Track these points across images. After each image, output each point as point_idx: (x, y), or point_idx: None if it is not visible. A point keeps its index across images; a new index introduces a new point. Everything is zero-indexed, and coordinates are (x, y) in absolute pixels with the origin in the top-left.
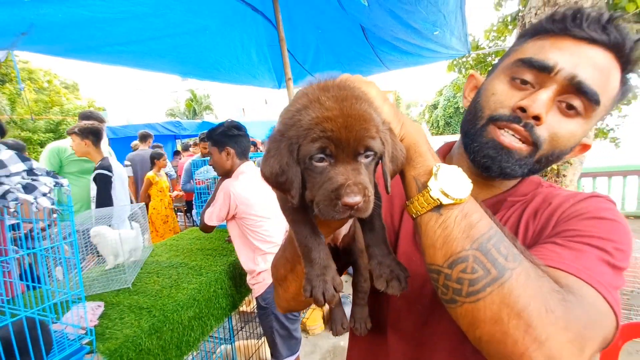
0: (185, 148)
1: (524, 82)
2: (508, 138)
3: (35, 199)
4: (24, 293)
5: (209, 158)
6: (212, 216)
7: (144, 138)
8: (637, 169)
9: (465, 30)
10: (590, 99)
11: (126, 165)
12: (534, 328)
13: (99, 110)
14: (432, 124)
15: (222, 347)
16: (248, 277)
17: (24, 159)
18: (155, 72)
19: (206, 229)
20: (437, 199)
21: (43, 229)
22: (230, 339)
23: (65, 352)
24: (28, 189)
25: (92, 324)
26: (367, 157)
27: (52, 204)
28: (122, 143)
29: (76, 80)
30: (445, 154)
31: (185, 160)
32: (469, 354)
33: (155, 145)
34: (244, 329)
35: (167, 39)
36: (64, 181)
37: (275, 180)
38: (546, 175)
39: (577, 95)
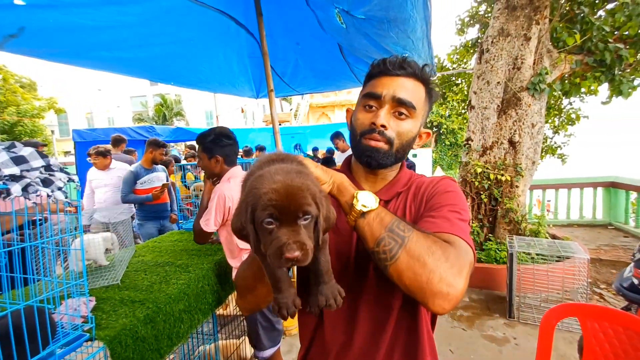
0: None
1: (370, 106)
2: (373, 142)
3: (52, 192)
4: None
5: (153, 168)
6: (210, 222)
7: (116, 142)
8: (580, 182)
9: (431, 53)
10: (409, 105)
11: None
12: (430, 267)
13: (60, 111)
14: None
15: (201, 347)
16: (234, 274)
17: (42, 156)
18: (136, 78)
19: (202, 237)
20: (360, 210)
21: (45, 220)
22: (214, 335)
23: (68, 338)
24: (46, 183)
25: (85, 314)
26: (305, 219)
27: (66, 197)
28: (89, 147)
29: (34, 79)
30: (349, 162)
31: None
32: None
33: (128, 150)
34: (221, 331)
35: (150, 48)
36: (75, 177)
37: (239, 233)
38: (501, 186)
39: (401, 106)
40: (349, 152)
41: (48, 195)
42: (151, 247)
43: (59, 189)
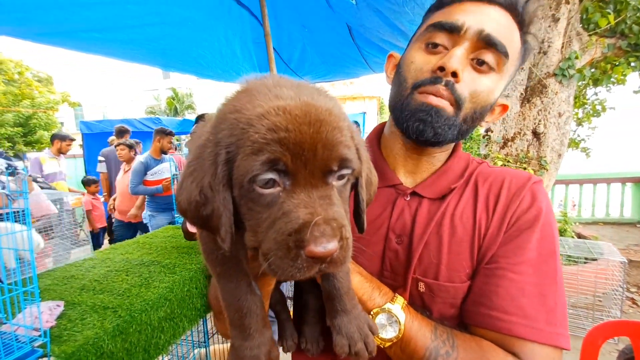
0: None
1: (435, 45)
2: (434, 99)
3: None
4: None
5: (162, 158)
6: None
7: (120, 133)
8: (606, 177)
9: None
10: (500, 50)
11: (100, 161)
12: None
13: (74, 105)
14: None
15: (196, 350)
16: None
17: None
18: (133, 63)
19: (189, 235)
20: (380, 342)
21: None
22: (205, 342)
23: (13, 356)
24: None
25: (49, 324)
26: (340, 177)
27: (3, 188)
28: (97, 139)
29: (50, 74)
30: (379, 134)
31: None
32: None
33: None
34: (217, 334)
35: (146, 28)
36: (19, 164)
37: (195, 213)
38: None
39: (488, 49)
40: None
41: None
42: (141, 243)
43: None
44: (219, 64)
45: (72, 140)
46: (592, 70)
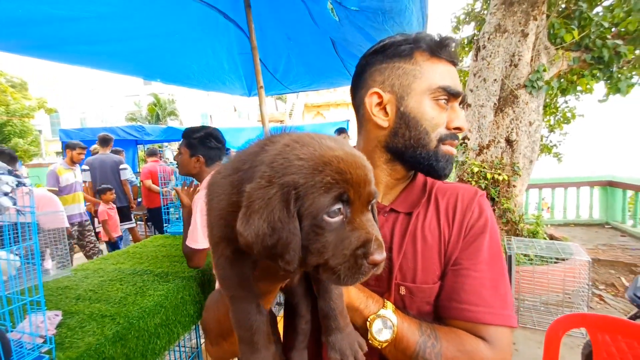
0: (152, 153)
1: (443, 101)
2: (452, 149)
3: None
4: None
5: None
6: (199, 238)
7: (104, 142)
8: (576, 182)
9: None
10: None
11: (84, 170)
12: None
13: (50, 111)
14: None
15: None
16: (217, 284)
17: None
18: (119, 74)
19: (196, 258)
20: (378, 343)
21: None
22: (197, 348)
23: None
24: None
25: (50, 332)
26: (371, 204)
27: (14, 204)
28: None
29: (25, 79)
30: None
31: (152, 166)
32: None
33: (115, 150)
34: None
35: (133, 41)
36: (27, 181)
37: (262, 244)
38: (499, 185)
39: (462, 102)
40: None
41: None
42: (132, 253)
43: (5, 194)
44: (206, 75)
45: (84, 148)
46: (560, 81)
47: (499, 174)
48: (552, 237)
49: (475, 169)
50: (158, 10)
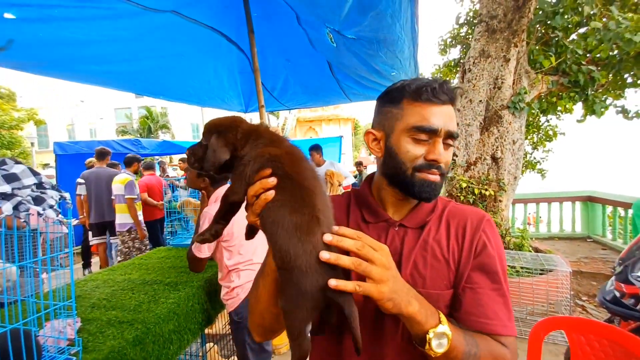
0: (148, 167)
1: (420, 140)
2: (432, 177)
3: (43, 210)
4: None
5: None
6: (202, 247)
7: (101, 155)
8: (559, 197)
9: (417, 72)
10: (455, 137)
11: (79, 184)
12: None
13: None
14: None
15: None
16: (222, 292)
17: (34, 173)
18: (124, 92)
19: (196, 264)
20: (435, 353)
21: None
22: (203, 356)
23: None
24: (37, 200)
25: (72, 337)
26: None
27: (57, 215)
28: (72, 160)
29: (13, 90)
30: (369, 182)
31: (148, 179)
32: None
33: (111, 164)
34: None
35: (141, 62)
36: (66, 195)
37: None
38: (486, 200)
39: (450, 138)
40: (325, 167)
41: (39, 214)
42: (137, 264)
43: (51, 207)
44: (207, 92)
45: (140, 160)
46: (541, 102)
47: (486, 190)
48: (537, 250)
49: (464, 185)
50: (166, 34)
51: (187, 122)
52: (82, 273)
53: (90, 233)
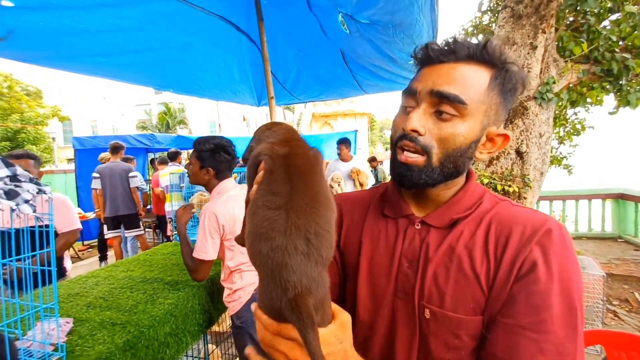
0: (163, 161)
1: (407, 107)
2: (403, 155)
3: (17, 205)
4: None
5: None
6: (208, 249)
7: (115, 150)
8: (587, 194)
9: None
10: (453, 100)
11: (94, 178)
12: None
13: (64, 119)
14: None
15: None
16: (224, 294)
17: (7, 165)
18: (132, 85)
19: (202, 269)
20: None
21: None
22: (205, 357)
23: None
24: (10, 195)
25: (62, 340)
26: None
27: (34, 211)
28: (89, 154)
29: (40, 87)
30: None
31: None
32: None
33: (126, 158)
34: (214, 351)
35: (149, 53)
36: (47, 189)
37: None
38: (509, 197)
39: (443, 102)
40: (352, 162)
41: (12, 209)
42: (142, 260)
43: (26, 201)
44: (217, 85)
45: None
46: (570, 93)
47: (509, 186)
48: None
49: (485, 181)
50: (173, 23)
51: (205, 118)
52: (99, 265)
53: (105, 227)
